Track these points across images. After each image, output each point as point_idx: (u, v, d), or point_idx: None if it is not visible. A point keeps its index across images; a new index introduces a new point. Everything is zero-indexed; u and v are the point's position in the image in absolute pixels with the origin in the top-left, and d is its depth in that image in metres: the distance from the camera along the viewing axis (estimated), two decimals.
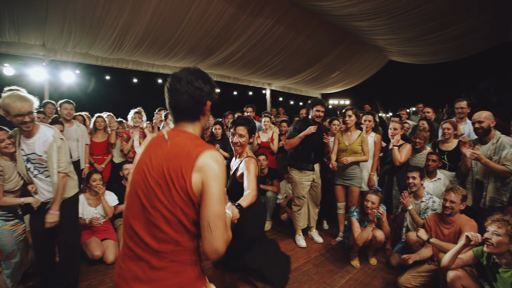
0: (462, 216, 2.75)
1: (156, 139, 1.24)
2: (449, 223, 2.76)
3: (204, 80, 1.21)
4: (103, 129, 4.46)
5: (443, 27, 6.53)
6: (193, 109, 1.20)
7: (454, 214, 2.73)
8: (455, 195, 2.68)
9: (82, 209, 3.32)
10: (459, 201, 2.68)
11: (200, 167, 1.07)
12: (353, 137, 3.76)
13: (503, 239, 2.00)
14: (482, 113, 2.95)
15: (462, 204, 2.70)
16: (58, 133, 2.46)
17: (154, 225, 1.09)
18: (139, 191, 1.13)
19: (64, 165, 2.45)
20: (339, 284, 2.92)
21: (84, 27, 5.00)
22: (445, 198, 2.76)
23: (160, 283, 1.08)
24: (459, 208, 2.70)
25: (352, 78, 11.02)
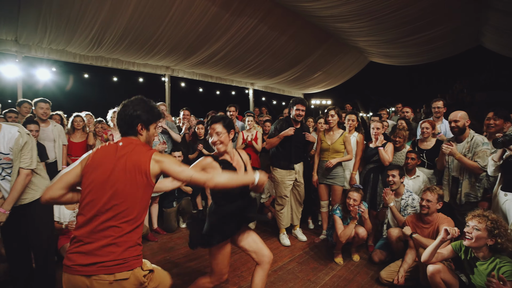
0: (439, 215, 2.85)
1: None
2: (427, 223, 2.85)
3: (137, 108, 1.58)
4: (81, 129, 4.31)
5: (420, 31, 6.78)
6: (127, 129, 1.59)
7: (431, 213, 2.81)
8: (431, 194, 2.77)
9: (58, 212, 3.16)
10: (435, 200, 2.76)
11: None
12: (335, 137, 3.82)
13: (482, 234, 2.08)
14: (458, 113, 3.08)
15: (439, 204, 2.78)
16: (23, 128, 2.32)
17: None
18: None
19: (28, 161, 2.28)
20: (323, 281, 2.95)
21: (61, 22, 4.81)
22: (422, 197, 2.86)
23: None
24: (435, 208, 2.78)
25: (334, 78, 11.22)
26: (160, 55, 6.78)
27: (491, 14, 5.84)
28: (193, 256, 3.41)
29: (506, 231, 2.05)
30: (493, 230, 2.05)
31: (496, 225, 2.05)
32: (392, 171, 3.33)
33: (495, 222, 2.06)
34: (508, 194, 2.40)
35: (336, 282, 2.94)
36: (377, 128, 3.81)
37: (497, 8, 5.43)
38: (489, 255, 2.13)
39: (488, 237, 2.08)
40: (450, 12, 5.95)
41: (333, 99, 15.74)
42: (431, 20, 6.22)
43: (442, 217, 2.83)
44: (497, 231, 2.04)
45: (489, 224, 2.06)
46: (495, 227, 2.05)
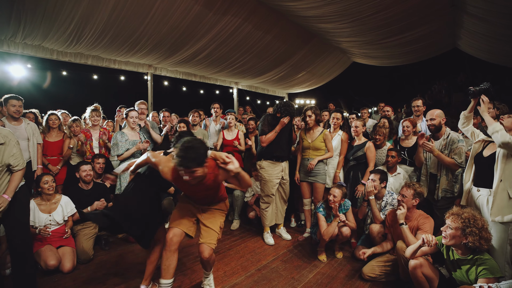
0: (419, 212, 2.89)
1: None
2: (407, 219, 2.88)
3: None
4: (57, 128, 4.13)
5: (400, 33, 6.97)
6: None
7: (407, 209, 2.83)
8: (407, 190, 2.83)
9: (33, 216, 3.00)
10: (410, 196, 2.80)
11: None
12: (315, 135, 3.85)
13: (456, 232, 2.12)
14: (434, 111, 3.18)
15: (415, 200, 2.81)
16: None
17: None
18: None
19: (21, 161, 2.38)
20: (307, 279, 2.96)
21: (36, 16, 4.59)
22: (399, 192, 2.93)
23: None
24: (411, 203, 2.81)
25: (318, 78, 11.34)
26: (142, 53, 6.63)
27: (466, 18, 6.06)
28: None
29: (481, 229, 2.05)
30: (465, 228, 2.07)
31: (469, 223, 2.06)
32: (373, 174, 3.37)
33: (467, 220, 2.07)
34: (481, 189, 2.48)
35: (319, 280, 2.96)
36: (356, 127, 3.89)
37: (471, 12, 5.64)
38: (467, 252, 2.16)
39: (461, 235, 2.10)
40: (428, 15, 6.13)
41: (317, 99, 15.89)
42: (410, 23, 6.39)
43: (423, 215, 2.86)
44: (469, 229, 2.05)
45: (461, 223, 2.08)
46: (468, 226, 2.06)
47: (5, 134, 2.34)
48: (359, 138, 3.94)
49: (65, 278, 2.92)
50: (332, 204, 3.24)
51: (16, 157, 2.35)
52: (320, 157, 3.77)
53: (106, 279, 2.91)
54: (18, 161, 2.36)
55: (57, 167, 4.04)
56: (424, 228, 2.75)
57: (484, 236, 2.05)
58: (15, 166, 2.34)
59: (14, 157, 2.33)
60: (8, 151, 2.30)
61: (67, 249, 3.10)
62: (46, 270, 2.91)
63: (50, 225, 3.09)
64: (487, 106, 2.58)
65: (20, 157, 2.39)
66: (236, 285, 2.83)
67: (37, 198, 3.14)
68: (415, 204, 2.85)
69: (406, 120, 3.88)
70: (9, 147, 2.31)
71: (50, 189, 3.12)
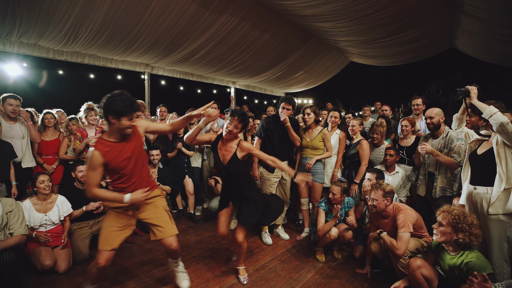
0: (394, 207, 2.79)
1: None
2: (386, 217, 2.84)
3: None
4: (53, 127, 4.09)
5: (398, 32, 6.97)
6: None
7: (381, 210, 2.78)
8: (375, 192, 2.75)
9: (28, 215, 2.96)
10: (380, 197, 2.73)
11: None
12: (314, 134, 3.84)
13: (446, 229, 2.14)
14: (433, 110, 3.18)
15: (387, 200, 2.73)
16: None
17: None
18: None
19: None
20: (306, 279, 2.95)
21: (32, 14, 4.55)
22: (369, 197, 2.86)
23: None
24: (384, 204, 2.74)
25: (315, 78, 11.34)
26: (139, 52, 6.59)
27: (463, 17, 6.08)
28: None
29: (470, 225, 2.07)
30: (456, 225, 2.09)
31: (459, 220, 2.08)
32: (369, 174, 3.36)
33: (458, 217, 2.09)
34: (477, 187, 2.48)
35: (318, 279, 2.95)
36: (353, 126, 3.89)
37: (469, 12, 5.65)
38: (457, 249, 2.19)
39: (452, 232, 2.12)
40: (425, 15, 6.14)
41: (314, 98, 15.89)
42: (408, 22, 6.40)
43: (397, 210, 2.77)
44: (460, 226, 2.08)
45: (451, 219, 2.10)
46: (458, 222, 2.08)
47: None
48: (356, 137, 3.93)
49: (60, 278, 2.89)
50: (334, 201, 3.23)
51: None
52: (318, 157, 3.76)
53: (102, 279, 2.88)
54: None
55: (53, 166, 4.00)
56: (401, 223, 2.61)
57: (474, 233, 2.08)
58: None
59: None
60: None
61: (62, 249, 3.07)
62: (41, 271, 2.87)
63: (46, 225, 3.06)
64: (475, 96, 2.60)
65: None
66: (234, 285, 2.81)
67: (33, 198, 3.10)
68: (388, 204, 2.77)
69: (405, 119, 3.88)
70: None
71: (46, 189, 3.08)
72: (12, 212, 2.50)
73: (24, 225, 2.58)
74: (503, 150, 2.34)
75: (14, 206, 2.56)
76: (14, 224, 2.49)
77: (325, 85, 12.48)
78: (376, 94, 13.07)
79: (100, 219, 3.56)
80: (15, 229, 2.50)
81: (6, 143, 3.43)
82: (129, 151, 2.21)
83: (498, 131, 2.33)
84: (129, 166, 2.22)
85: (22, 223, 2.56)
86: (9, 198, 2.67)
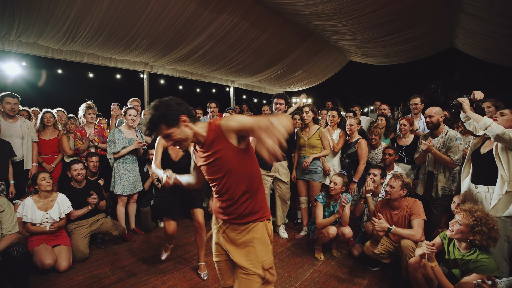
0: (407, 198, 2.91)
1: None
2: (396, 209, 2.91)
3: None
4: (52, 126, 4.10)
5: (396, 31, 6.97)
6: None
7: (394, 199, 2.87)
8: (394, 181, 2.85)
9: (31, 213, 3.00)
10: (398, 187, 2.82)
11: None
12: (311, 132, 3.85)
13: (463, 229, 2.11)
14: (433, 109, 3.18)
15: (402, 191, 2.83)
16: None
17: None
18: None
19: None
20: (305, 277, 2.96)
21: (31, 13, 4.53)
22: (387, 183, 2.94)
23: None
24: (399, 194, 2.83)
25: (315, 77, 11.33)
26: (138, 51, 6.58)
27: (463, 17, 6.08)
28: (171, 256, 3.32)
29: (491, 229, 2.03)
30: (475, 227, 2.05)
31: (480, 223, 2.04)
32: (374, 169, 3.37)
33: (479, 219, 2.05)
34: (479, 186, 2.48)
35: (317, 278, 2.96)
36: (351, 125, 3.90)
37: (468, 11, 5.66)
38: (469, 248, 2.16)
39: (469, 232, 2.09)
40: (424, 14, 6.14)
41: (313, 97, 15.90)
42: (407, 21, 6.39)
43: (410, 200, 2.89)
44: (478, 228, 2.04)
45: (472, 221, 2.06)
46: (478, 225, 2.04)
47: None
48: (353, 136, 3.94)
49: (60, 277, 2.90)
50: (332, 192, 3.24)
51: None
52: (316, 155, 3.77)
53: (102, 277, 2.89)
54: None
55: (52, 165, 4.00)
56: (416, 211, 2.78)
57: (492, 236, 2.04)
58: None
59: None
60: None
61: (62, 248, 3.08)
62: (42, 269, 2.88)
63: (47, 223, 3.07)
64: (468, 107, 2.61)
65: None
66: None
67: (34, 196, 3.12)
68: (403, 195, 2.86)
69: (403, 118, 3.89)
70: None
71: (48, 186, 3.10)
72: (4, 212, 2.49)
73: (14, 223, 2.57)
74: (505, 153, 2.34)
75: (6, 205, 2.55)
76: (5, 223, 2.48)
77: (324, 84, 12.48)
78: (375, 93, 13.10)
79: (99, 218, 3.57)
80: (8, 229, 2.49)
81: (5, 142, 3.43)
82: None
83: (496, 140, 2.33)
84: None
85: (12, 222, 2.54)
86: (0, 197, 2.66)
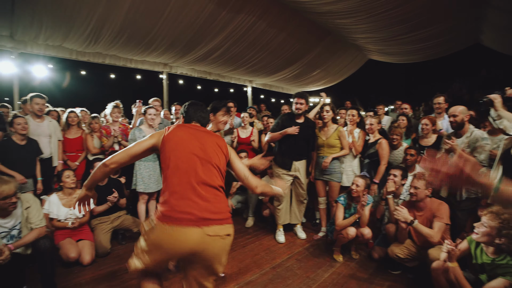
0: (432, 200, 2.81)
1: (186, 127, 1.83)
2: (421, 209, 2.81)
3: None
4: (76, 125, 4.25)
5: (418, 28, 6.75)
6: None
7: (420, 200, 2.77)
8: (418, 181, 2.75)
9: (56, 210, 3.14)
10: (422, 186, 2.72)
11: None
12: (329, 132, 3.79)
13: (490, 231, 2.02)
14: (457, 108, 3.05)
15: (428, 190, 2.74)
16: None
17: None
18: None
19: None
20: (323, 278, 2.92)
21: (56, 18, 4.76)
22: (411, 185, 2.84)
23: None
24: (424, 194, 2.74)
25: (333, 76, 11.20)
26: (158, 52, 6.73)
27: (490, 11, 5.82)
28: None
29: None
30: (501, 230, 1.97)
31: (507, 226, 1.95)
32: (395, 170, 3.28)
33: (506, 222, 1.96)
34: None
35: (335, 279, 2.91)
36: (371, 124, 3.81)
37: (496, 5, 5.41)
38: (498, 253, 2.07)
39: (496, 235, 2.00)
40: (448, 10, 5.92)
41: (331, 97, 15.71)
42: (429, 18, 6.19)
43: (436, 202, 2.79)
44: (506, 231, 1.95)
45: (499, 223, 1.98)
46: (504, 228, 1.96)
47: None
48: (374, 135, 3.85)
49: (84, 270, 3.00)
50: (354, 194, 3.18)
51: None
52: (335, 155, 3.71)
53: (123, 272, 2.96)
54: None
55: (76, 163, 4.15)
56: (440, 214, 2.67)
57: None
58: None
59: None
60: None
61: (86, 243, 3.19)
62: (66, 262, 3.00)
63: (71, 219, 3.19)
64: (500, 105, 2.48)
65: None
66: (251, 283, 2.82)
67: (59, 193, 3.25)
68: (429, 194, 2.77)
69: (425, 118, 3.76)
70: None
71: (72, 183, 3.22)
72: (31, 207, 2.61)
73: (41, 218, 2.67)
74: None
75: (32, 201, 2.66)
76: (33, 218, 2.59)
77: (342, 84, 12.29)
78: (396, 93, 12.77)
79: (120, 215, 3.66)
80: (36, 223, 2.60)
81: (33, 141, 3.60)
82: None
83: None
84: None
85: (39, 216, 2.65)
86: (27, 193, 2.79)
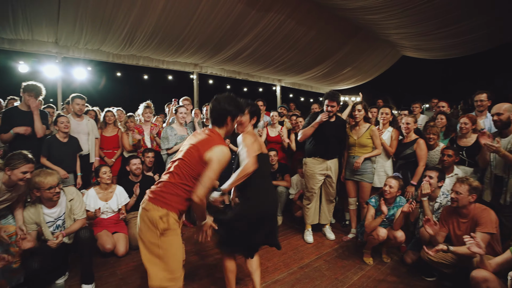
0: (476, 205, 2.60)
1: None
2: (465, 216, 2.63)
3: (229, 103, 1.95)
4: (113, 123, 4.48)
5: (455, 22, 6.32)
6: (218, 120, 1.97)
7: (462, 206, 2.58)
8: (460, 186, 2.56)
9: (93, 203, 3.34)
10: (465, 192, 2.52)
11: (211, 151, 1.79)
12: (361, 131, 3.68)
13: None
14: (502, 105, 2.84)
15: (471, 196, 2.53)
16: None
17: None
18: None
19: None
20: (352, 281, 2.85)
21: (95, 23, 5.05)
22: (451, 189, 2.66)
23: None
24: (467, 200, 2.54)
25: (364, 74, 10.84)
26: (188, 53, 6.91)
27: None
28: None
29: None
30: None
31: None
32: (431, 171, 3.11)
33: None
34: None
35: (365, 283, 2.83)
36: (407, 123, 3.64)
37: None
38: None
39: None
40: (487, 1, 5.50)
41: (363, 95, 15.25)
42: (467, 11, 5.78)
43: (479, 208, 2.57)
44: None
45: None
46: None
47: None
48: (409, 135, 3.69)
49: (119, 261, 3.17)
50: (387, 195, 3.08)
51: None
52: (367, 155, 3.60)
53: None
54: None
55: (112, 159, 4.37)
56: (482, 222, 2.44)
57: None
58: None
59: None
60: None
61: (121, 235, 3.36)
62: (103, 253, 3.19)
63: (107, 212, 3.38)
64: None
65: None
66: (278, 281, 2.82)
67: (96, 187, 3.45)
68: (472, 201, 2.56)
69: (465, 116, 3.53)
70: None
71: (108, 179, 3.41)
72: (74, 199, 2.82)
73: (83, 210, 2.89)
74: None
75: (75, 194, 2.87)
76: (76, 210, 2.81)
77: (374, 82, 11.86)
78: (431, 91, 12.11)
79: None
80: (79, 214, 2.81)
81: (74, 138, 3.84)
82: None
83: None
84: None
85: (82, 208, 2.87)
86: (70, 187, 3.01)
